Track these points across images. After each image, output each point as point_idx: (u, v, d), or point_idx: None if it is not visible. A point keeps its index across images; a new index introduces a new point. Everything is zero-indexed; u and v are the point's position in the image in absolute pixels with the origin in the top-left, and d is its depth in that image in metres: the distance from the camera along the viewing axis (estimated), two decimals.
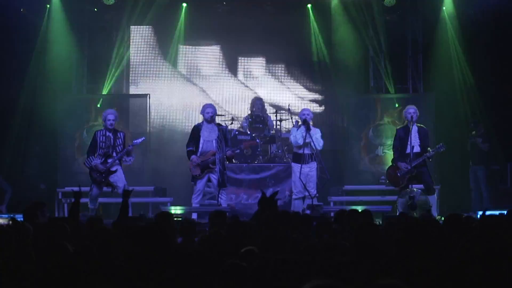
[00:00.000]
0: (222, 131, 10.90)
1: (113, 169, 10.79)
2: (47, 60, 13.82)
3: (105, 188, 11.01)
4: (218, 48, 14.91)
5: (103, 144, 10.84)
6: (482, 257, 3.94)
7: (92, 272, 4.19)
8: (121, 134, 11.02)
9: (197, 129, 11.06)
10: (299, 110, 12.06)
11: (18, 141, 13.78)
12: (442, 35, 14.21)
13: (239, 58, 14.94)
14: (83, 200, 12.07)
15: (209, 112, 10.97)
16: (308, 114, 11.19)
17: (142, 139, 11.15)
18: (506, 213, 7.91)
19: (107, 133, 10.87)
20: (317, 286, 2.91)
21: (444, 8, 14.19)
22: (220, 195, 10.66)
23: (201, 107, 11.46)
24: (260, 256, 4.44)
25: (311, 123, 11.35)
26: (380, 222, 8.71)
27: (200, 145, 10.96)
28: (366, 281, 3.15)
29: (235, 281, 4.05)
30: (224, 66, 14.94)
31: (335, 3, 14.47)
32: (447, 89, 14.02)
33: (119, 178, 10.81)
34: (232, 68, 14.91)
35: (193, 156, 10.91)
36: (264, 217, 6.50)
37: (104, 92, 14.11)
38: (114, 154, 10.81)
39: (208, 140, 10.94)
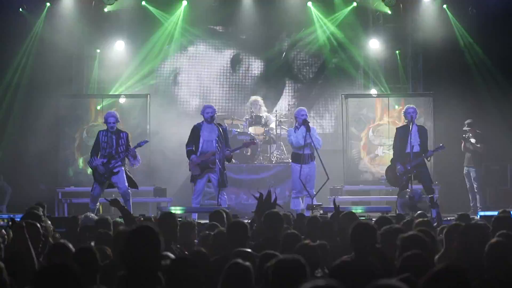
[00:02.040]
0: (222, 131, 10.88)
1: (116, 170, 10.80)
2: (47, 60, 13.80)
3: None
4: (218, 48, 14.95)
5: (105, 144, 10.85)
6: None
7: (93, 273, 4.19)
8: (124, 134, 11.00)
9: (197, 129, 11.00)
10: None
11: (18, 141, 13.77)
12: (443, 34, 14.22)
13: (239, 57, 14.95)
14: (83, 200, 12.17)
15: (209, 112, 10.92)
16: (305, 115, 11.14)
17: (145, 141, 11.12)
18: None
19: (109, 134, 10.89)
20: (317, 286, 2.92)
21: (445, 6, 14.20)
22: (220, 196, 10.63)
23: (200, 107, 11.45)
24: (260, 257, 4.44)
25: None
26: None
27: (200, 145, 10.92)
28: (366, 281, 3.15)
29: (237, 281, 4.05)
30: (224, 66, 14.95)
31: (337, 2, 14.48)
32: (447, 90, 14.00)
33: (120, 179, 10.81)
34: (232, 67, 14.91)
35: (192, 156, 10.89)
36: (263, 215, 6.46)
37: (111, 92, 14.11)
38: (117, 155, 10.82)
39: (208, 140, 10.89)
